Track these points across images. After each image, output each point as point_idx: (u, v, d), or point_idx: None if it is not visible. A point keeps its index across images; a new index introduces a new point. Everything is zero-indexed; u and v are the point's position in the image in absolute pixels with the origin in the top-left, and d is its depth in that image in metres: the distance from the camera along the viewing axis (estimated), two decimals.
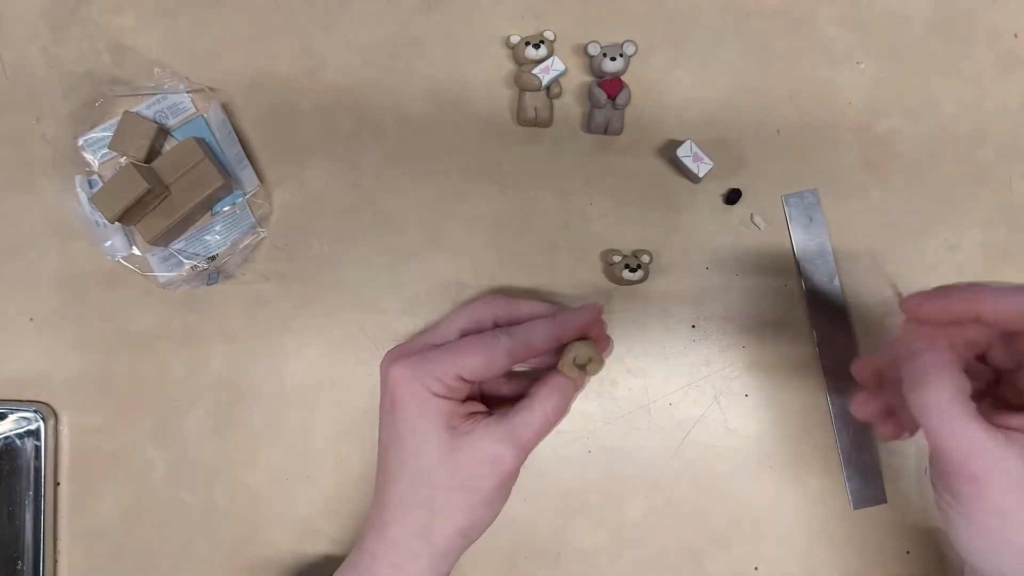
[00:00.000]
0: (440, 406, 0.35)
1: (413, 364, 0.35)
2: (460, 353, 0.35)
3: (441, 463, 0.35)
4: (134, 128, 0.44)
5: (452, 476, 0.35)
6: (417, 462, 0.35)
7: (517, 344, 0.36)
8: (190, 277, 0.45)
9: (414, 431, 0.35)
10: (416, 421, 0.35)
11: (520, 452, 0.35)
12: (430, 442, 0.35)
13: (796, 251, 0.46)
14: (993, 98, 0.47)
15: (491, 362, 0.35)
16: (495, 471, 0.35)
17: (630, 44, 0.44)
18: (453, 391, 0.35)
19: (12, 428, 0.45)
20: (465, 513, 0.35)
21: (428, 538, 0.35)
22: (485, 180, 0.47)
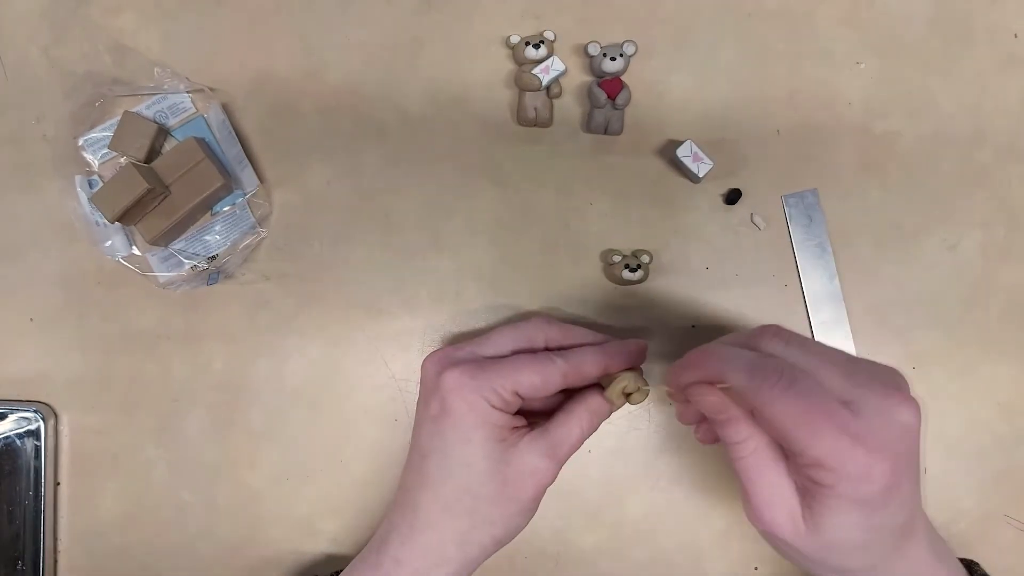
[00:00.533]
0: (496, 418, 0.35)
1: (471, 373, 0.36)
2: (519, 369, 0.36)
3: (490, 475, 0.35)
4: (134, 128, 0.44)
5: (499, 488, 0.35)
6: (466, 472, 0.35)
7: (571, 368, 0.36)
8: (190, 277, 0.45)
9: (467, 440, 0.35)
10: (470, 432, 0.35)
11: (558, 466, 0.36)
12: (482, 453, 0.35)
13: (796, 251, 0.46)
14: (993, 98, 0.47)
15: (546, 382, 0.36)
16: (536, 483, 0.36)
17: (630, 44, 0.44)
18: (508, 405, 0.36)
19: (12, 428, 0.45)
20: (504, 522, 0.36)
21: (464, 546, 0.36)
22: (485, 180, 0.47)
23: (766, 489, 0.32)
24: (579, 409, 0.37)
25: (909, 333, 0.46)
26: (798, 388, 0.30)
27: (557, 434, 0.37)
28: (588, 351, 0.38)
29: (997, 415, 0.45)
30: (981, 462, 0.45)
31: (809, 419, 0.29)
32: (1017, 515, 0.45)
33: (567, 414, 0.37)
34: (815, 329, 0.45)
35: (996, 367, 0.45)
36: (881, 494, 0.29)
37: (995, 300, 0.46)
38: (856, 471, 0.29)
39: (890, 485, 0.29)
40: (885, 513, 0.30)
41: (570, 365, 0.37)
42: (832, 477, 0.29)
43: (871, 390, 0.30)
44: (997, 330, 0.46)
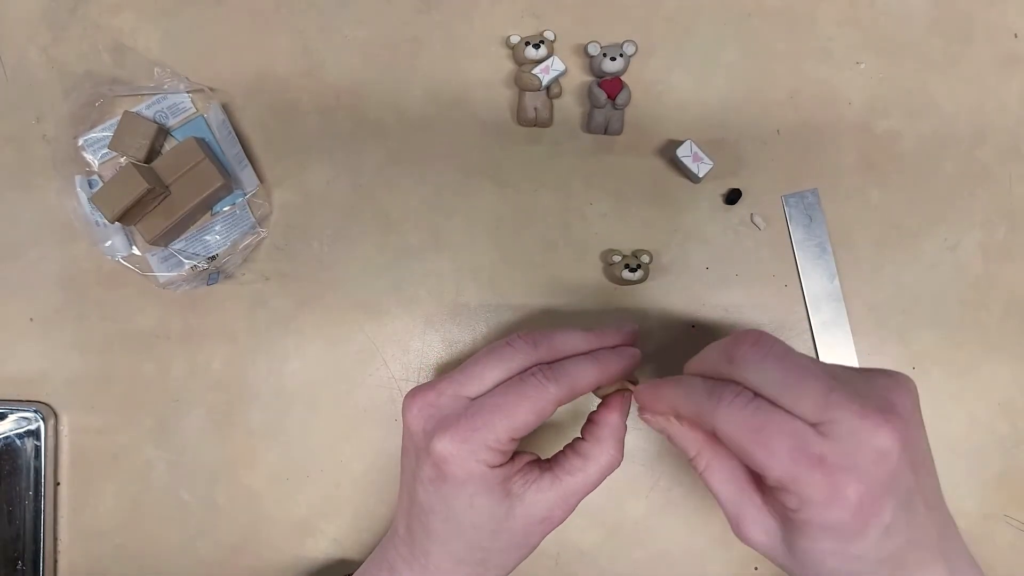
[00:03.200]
0: (497, 477, 0.33)
1: (463, 436, 0.33)
2: (511, 413, 0.33)
3: (499, 533, 0.34)
4: (134, 128, 0.44)
5: (509, 541, 0.35)
6: (475, 533, 0.34)
7: (564, 393, 0.34)
8: (190, 277, 0.45)
9: (472, 506, 0.34)
10: (473, 498, 0.33)
11: (571, 510, 0.35)
12: (487, 515, 0.34)
13: (796, 251, 0.46)
14: (993, 98, 0.47)
15: (540, 415, 0.33)
16: (547, 528, 0.35)
17: (630, 44, 0.44)
18: (507, 456, 0.34)
19: (12, 428, 0.45)
20: (515, 563, 0.36)
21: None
22: (485, 180, 0.47)
23: (732, 503, 0.32)
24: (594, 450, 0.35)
25: (909, 333, 0.46)
26: (753, 407, 0.29)
27: (572, 480, 0.35)
28: (580, 368, 0.35)
29: (997, 415, 0.45)
30: (981, 462, 0.45)
31: (764, 439, 0.28)
32: (1017, 515, 0.45)
33: (583, 457, 0.35)
34: (815, 329, 0.45)
35: (996, 367, 0.45)
36: (853, 521, 0.28)
37: (995, 300, 0.46)
38: (817, 495, 0.27)
39: (863, 512, 0.27)
40: (864, 543, 0.28)
41: (562, 390, 0.34)
42: (795, 501, 0.28)
43: (847, 411, 0.28)
44: (997, 330, 0.46)
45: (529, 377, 0.34)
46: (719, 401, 0.29)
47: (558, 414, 0.35)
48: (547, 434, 0.45)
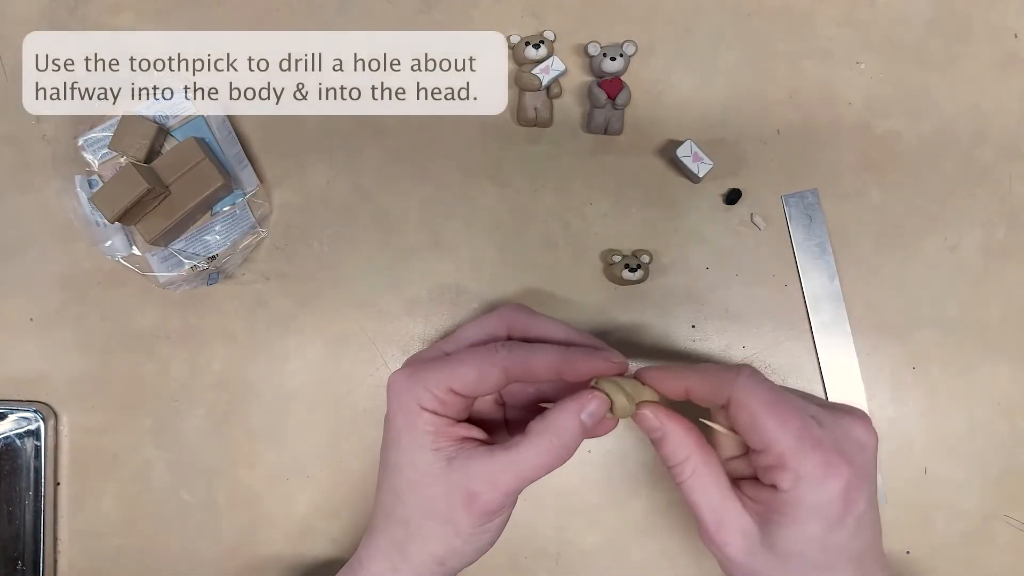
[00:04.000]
0: (427, 422, 0.32)
1: (409, 373, 0.33)
2: (455, 364, 0.33)
3: (416, 485, 0.33)
4: (134, 128, 0.44)
5: (426, 504, 0.32)
6: (397, 478, 0.33)
7: (515, 362, 0.33)
8: (190, 277, 0.45)
9: (398, 444, 0.33)
10: (402, 435, 0.33)
11: (502, 495, 0.32)
12: (409, 460, 0.33)
13: (796, 251, 0.46)
14: (993, 98, 0.47)
15: (483, 376, 0.32)
16: (471, 509, 0.32)
17: (630, 44, 0.44)
18: (445, 406, 0.33)
19: (12, 428, 0.45)
20: (440, 542, 0.33)
21: (404, 555, 0.34)
22: (485, 180, 0.47)
23: (714, 508, 0.32)
24: (544, 432, 0.32)
25: (909, 333, 0.46)
26: (770, 384, 0.31)
27: (505, 458, 0.32)
28: (541, 347, 0.34)
29: (997, 415, 0.45)
30: (981, 462, 0.45)
31: (780, 412, 0.30)
32: (1017, 515, 0.45)
33: (530, 437, 0.32)
34: (815, 329, 0.45)
35: (996, 367, 0.45)
36: (838, 503, 0.30)
37: (995, 300, 0.46)
38: (814, 472, 0.29)
39: (847, 495, 0.30)
40: (842, 531, 0.30)
41: (513, 358, 0.33)
42: (791, 479, 0.30)
43: (832, 412, 0.32)
44: (997, 330, 0.46)
45: (490, 343, 0.34)
46: (739, 374, 0.31)
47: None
48: None
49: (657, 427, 0.33)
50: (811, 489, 0.30)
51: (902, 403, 0.45)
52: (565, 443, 0.32)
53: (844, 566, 0.31)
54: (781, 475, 0.30)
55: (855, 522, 0.30)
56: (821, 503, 0.30)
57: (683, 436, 0.33)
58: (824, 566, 0.31)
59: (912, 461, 0.45)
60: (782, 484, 0.30)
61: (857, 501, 0.30)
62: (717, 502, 0.32)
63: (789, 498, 0.30)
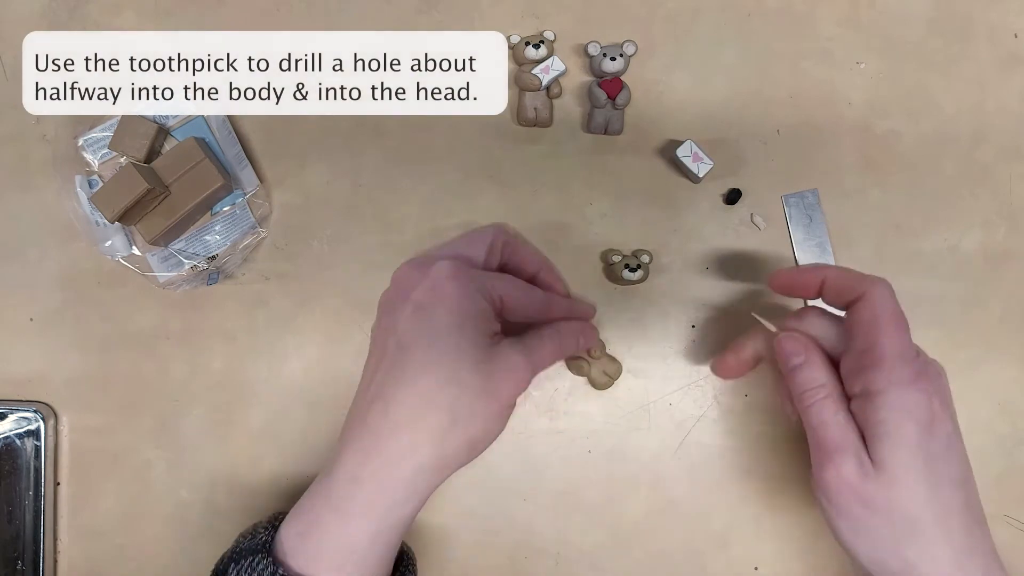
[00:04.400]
0: (486, 310, 0.35)
1: (462, 266, 0.35)
2: (507, 281, 0.37)
3: (478, 364, 0.34)
4: (134, 128, 0.44)
5: (484, 380, 0.34)
6: (456, 360, 0.33)
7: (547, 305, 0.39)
8: (190, 277, 0.45)
9: (460, 327, 0.34)
10: (464, 319, 0.34)
11: (535, 370, 0.36)
12: (473, 341, 0.34)
13: (796, 251, 0.46)
14: (993, 98, 0.47)
15: (529, 303, 0.37)
16: (516, 381, 0.35)
17: (630, 44, 0.44)
18: (494, 304, 0.36)
19: (12, 428, 0.45)
20: (482, 421, 0.34)
21: (440, 445, 0.33)
22: (485, 180, 0.47)
23: (839, 430, 0.34)
24: (550, 330, 0.38)
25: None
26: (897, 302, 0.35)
27: (531, 343, 0.37)
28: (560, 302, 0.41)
29: (997, 415, 0.45)
30: (981, 462, 0.44)
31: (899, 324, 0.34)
32: (1017, 515, 0.45)
33: (539, 330, 0.38)
34: None
35: (996, 367, 0.45)
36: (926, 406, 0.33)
37: (995, 300, 0.46)
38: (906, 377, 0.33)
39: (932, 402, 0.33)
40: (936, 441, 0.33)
41: (546, 301, 0.39)
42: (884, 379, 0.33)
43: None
44: (997, 330, 0.46)
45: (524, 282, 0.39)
46: (877, 281, 0.35)
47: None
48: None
49: (800, 351, 0.36)
50: (902, 392, 0.32)
51: None
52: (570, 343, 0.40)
53: (949, 485, 0.33)
54: (876, 374, 0.33)
55: (946, 438, 0.33)
56: (911, 406, 0.32)
57: (824, 363, 0.36)
58: (931, 482, 0.32)
59: None
60: (876, 383, 0.33)
61: (943, 417, 0.33)
62: (843, 424, 0.34)
63: (883, 401, 0.32)
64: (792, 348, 0.36)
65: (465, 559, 0.45)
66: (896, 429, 0.32)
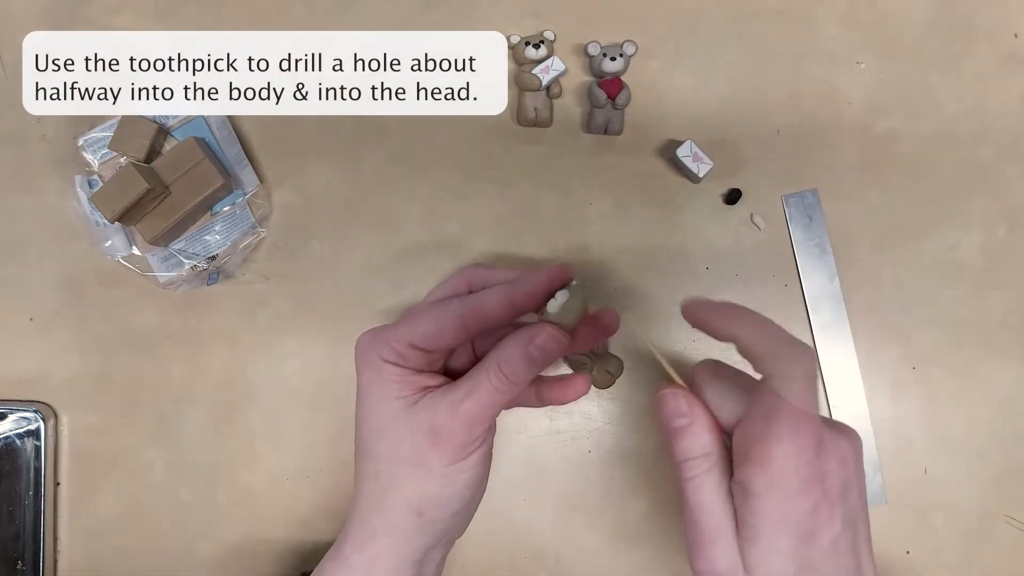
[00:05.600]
0: (390, 373, 0.33)
1: (373, 333, 0.35)
2: (413, 320, 0.34)
3: (383, 433, 0.33)
4: (134, 128, 0.44)
5: (394, 449, 0.33)
6: (366, 431, 0.34)
7: (467, 310, 0.33)
8: (190, 277, 0.45)
9: (365, 401, 0.34)
10: (368, 390, 0.34)
11: (465, 425, 0.32)
12: (376, 411, 0.34)
13: (796, 251, 0.46)
14: (993, 98, 0.47)
15: (441, 328, 0.33)
16: (436, 444, 0.32)
17: (630, 44, 0.44)
18: (406, 359, 0.33)
19: (12, 428, 0.45)
20: (413, 488, 0.33)
21: (380, 510, 0.34)
22: (485, 180, 0.47)
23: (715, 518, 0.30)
24: (489, 359, 0.33)
25: (909, 333, 0.46)
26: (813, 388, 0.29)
27: (461, 388, 0.32)
28: (491, 288, 0.34)
29: (997, 415, 0.45)
30: (981, 462, 0.45)
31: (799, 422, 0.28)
32: (1017, 515, 0.45)
33: (477, 366, 0.33)
34: (815, 329, 0.45)
35: (996, 367, 0.45)
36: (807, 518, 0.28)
37: (995, 300, 0.46)
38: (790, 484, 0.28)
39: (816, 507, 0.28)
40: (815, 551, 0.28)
41: (465, 307, 0.33)
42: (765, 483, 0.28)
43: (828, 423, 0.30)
44: (997, 330, 0.46)
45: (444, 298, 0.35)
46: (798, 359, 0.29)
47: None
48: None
49: (685, 413, 0.31)
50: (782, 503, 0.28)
51: (902, 403, 0.45)
52: (515, 371, 0.32)
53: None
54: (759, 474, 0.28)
55: (830, 544, 0.28)
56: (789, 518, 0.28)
57: (710, 429, 0.31)
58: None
59: (912, 461, 0.45)
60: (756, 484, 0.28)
61: (829, 522, 0.28)
62: (720, 509, 0.30)
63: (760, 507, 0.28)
64: (675, 408, 0.31)
65: (465, 559, 0.45)
66: (769, 539, 0.28)
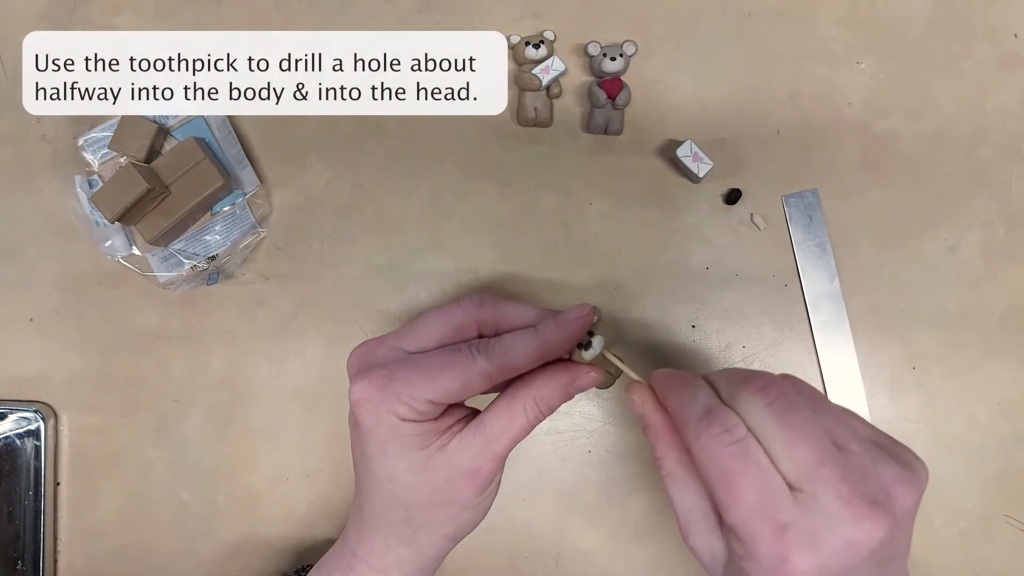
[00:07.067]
0: (408, 430, 0.31)
1: (378, 384, 0.31)
2: (432, 375, 0.31)
3: (416, 486, 0.32)
4: (134, 128, 0.44)
5: (430, 495, 0.32)
6: (390, 487, 0.32)
7: (496, 368, 0.32)
8: (190, 277, 0.45)
9: (383, 456, 0.32)
10: (384, 447, 0.32)
11: (498, 460, 0.33)
12: (403, 467, 0.32)
13: (796, 251, 0.46)
14: (993, 98, 0.47)
15: (466, 387, 0.31)
16: (473, 483, 0.32)
17: (630, 44, 0.44)
18: (424, 414, 0.31)
19: (12, 428, 0.45)
20: (449, 522, 0.33)
21: (414, 547, 0.34)
22: (485, 180, 0.47)
23: (686, 513, 0.30)
24: (523, 395, 0.33)
25: (909, 333, 0.46)
26: (737, 448, 0.27)
27: (495, 428, 0.32)
28: (517, 341, 0.33)
29: (997, 415, 0.45)
30: (981, 462, 0.45)
31: (732, 483, 0.26)
32: (1017, 515, 0.45)
33: (509, 400, 0.33)
34: (815, 329, 0.45)
35: (996, 367, 0.45)
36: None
37: (995, 300, 0.46)
38: (766, 559, 0.26)
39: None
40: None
41: (494, 365, 0.32)
42: (743, 550, 0.27)
43: (831, 490, 0.26)
44: (997, 330, 0.46)
45: (464, 346, 0.32)
46: (707, 427, 0.28)
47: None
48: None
49: (640, 415, 0.32)
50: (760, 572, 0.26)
51: (902, 403, 0.45)
52: (551, 407, 0.33)
53: None
54: (734, 542, 0.27)
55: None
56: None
57: (664, 435, 0.31)
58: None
59: None
60: (735, 549, 0.27)
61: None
62: (689, 508, 0.30)
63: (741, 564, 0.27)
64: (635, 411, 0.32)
65: (465, 559, 0.45)
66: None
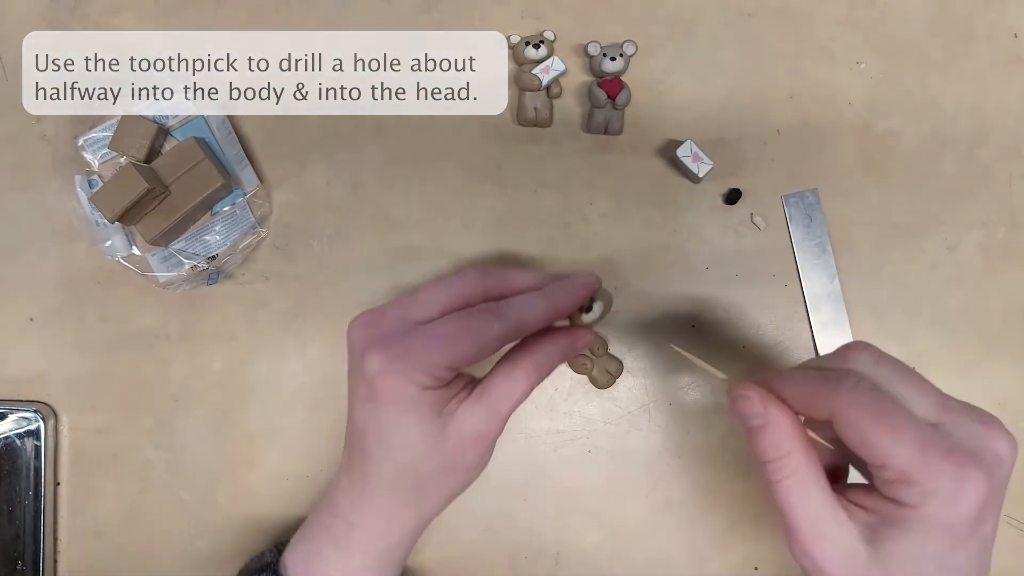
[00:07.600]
0: (429, 398, 0.33)
1: (396, 356, 0.32)
2: (449, 342, 0.32)
3: (430, 451, 0.33)
4: (134, 128, 0.44)
5: (442, 460, 0.34)
6: (406, 453, 0.33)
7: (510, 330, 0.33)
8: (190, 277, 0.45)
9: (400, 425, 0.33)
10: (403, 417, 0.33)
11: (503, 422, 0.34)
12: (420, 433, 0.33)
13: (796, 251, 0.46)
14: (993, 98, 0.47)
15: (482, 350, 0.32)
16: (479, 444, 0.34)
17: (630, 44, 0.44)
18: (442, 381, 0.33)
19: (12, 428, 0.45)
20: (455, 484, 0.35)
21: (417, 508, 0.35)
22: (485, 180, 0.47)
23: (813, 517, 0.28)
24: (525, 361, 0.34)
25: (909, 333, 0.46)
26: (877, 394, 0.27)
27: (499, 391, 0.34)
28: (529, 303, 0.34)
29: (997, 415, 0.45)
30: None
31: (891, 424, 0.27)
32: (1017, 515, 0.45)
33: (511, 364, 0.35)
34: (815, 329, 0.45)
35: (996, 367, 0.45)
36: (970, 521, 0.26)
37: (995, 300, 0.46)
38: (946, 487, 0.26)
39: (982, 513, 0.26)
40: (965, 552, 0.27)
41: (508, 327, 0.33)
42: (917, 494, 0.26)
43: (966, 417, 0.28)
44: (997, 330, 0.46)
45: (475, 311, 0.33)
46: (840, 385, 0.28)
47: None
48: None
49: (759, 413, 0.30)
50: (941, 506, 0.26)
51: None
52: (552, 368, 0.35)
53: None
54: (906, 490, 0.27)
55: (980, 543, 0.27)
56: (950, 521, 0.26)
57: (788, 428, 0.29)
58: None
59: None
60: (907, 499, 0.27)
61: (987, 521, 0.27)
62: (817, 509, 0.28)
63: (915, 514, 0.27)
64: (750, 410, 0.30)
65: (465, 559, 0.45)
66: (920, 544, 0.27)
